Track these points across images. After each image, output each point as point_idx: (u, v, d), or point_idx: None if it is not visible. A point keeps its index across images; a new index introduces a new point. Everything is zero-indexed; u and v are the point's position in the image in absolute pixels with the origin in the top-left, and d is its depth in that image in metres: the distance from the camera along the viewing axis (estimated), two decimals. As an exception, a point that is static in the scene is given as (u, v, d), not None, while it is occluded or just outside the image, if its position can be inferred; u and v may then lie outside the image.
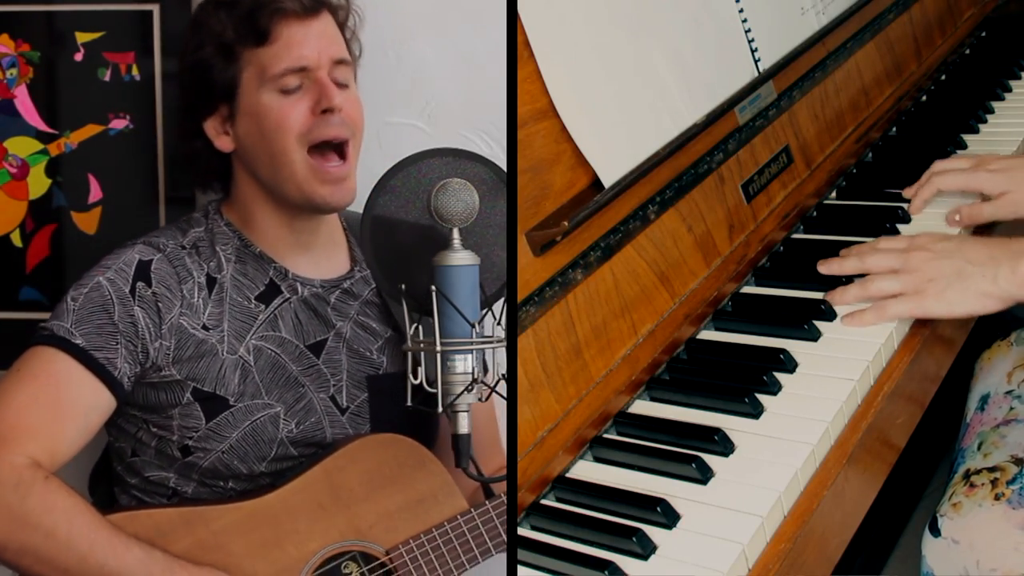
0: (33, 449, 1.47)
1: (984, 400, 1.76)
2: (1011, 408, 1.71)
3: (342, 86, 1.61)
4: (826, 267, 1.53)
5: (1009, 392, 1.73)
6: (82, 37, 1.84)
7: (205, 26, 1.62)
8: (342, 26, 1.67)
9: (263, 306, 1.62)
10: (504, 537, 1.56)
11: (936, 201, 1.68)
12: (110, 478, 1.67)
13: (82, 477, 1.68)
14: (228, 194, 1.68)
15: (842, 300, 1.48)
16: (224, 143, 1.63)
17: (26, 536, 1.44)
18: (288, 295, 1.63)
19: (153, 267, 1.56)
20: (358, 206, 1.51)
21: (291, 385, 1.61)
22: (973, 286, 1.42)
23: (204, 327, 1.57)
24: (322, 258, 1.68)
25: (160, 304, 1.55)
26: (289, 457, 1.59)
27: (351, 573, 1.54)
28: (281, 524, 1.53)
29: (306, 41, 1.59)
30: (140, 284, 1.55)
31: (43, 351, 1.52)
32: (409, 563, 1.54)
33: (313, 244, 1.66)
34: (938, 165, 1.70)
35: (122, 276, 1.55)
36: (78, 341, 1.51)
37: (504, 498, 1.56)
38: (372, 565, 1.55)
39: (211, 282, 1.60)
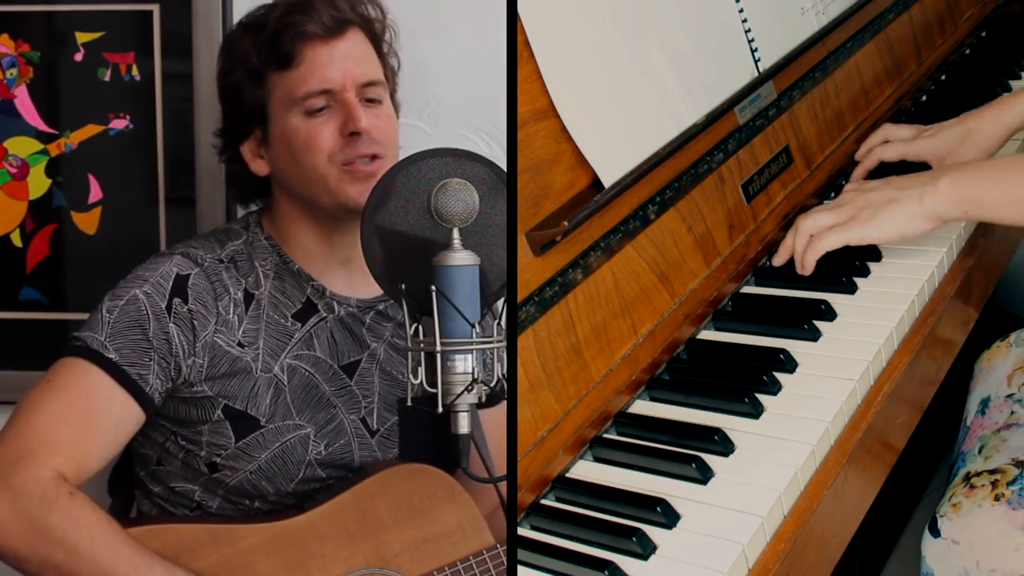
0: (60, 463, 1.46)
1: (984, 403, 1.76)
2: (1012, 412, 1.70)
3: (374, 102, 1.61)
4: (777, 257, 1.58)
5: (1010, 396, 1.73)
6: (82, 37, 1.84)
7: (233, 50, 1.62)
8: (378, 39, 1.65)
9: (299, 324, 1.61)
10: None
11: None
12: (130, 482, 1.66)
13: (102, 480, 1.67)
14: (269, 206, 1.67)
15: (783, 253, 1.56)
16: (259, 167, 1.63)
17: (48, 550, 1.43)
18: (324, 314, 1.63)
19: (190, 283, 1.55)
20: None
21: (323, 406, 1.60)
22: (902, 208, 1.48)
23: (239, 344, 1.56)
24: (359, 277, 1.65)
25: (195, 321, 1.54)
26: (316, 479, 1.59)
27: None
28: (307, 547, 1.52)
29: (330, 63, 1.58)
30: (177, 300, 1.54)
31: (75, 363, 1.51)
32: None
33: (351, 260, 1.64)
34: (884, 128, 1.76)
35: (159, 291, 1.54)
36: (111, 355, 1.50)
37: None
38: None
39: (248, 298, 1.59)
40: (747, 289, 1.58)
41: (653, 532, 1.16)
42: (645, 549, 1.15)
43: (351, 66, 1.59)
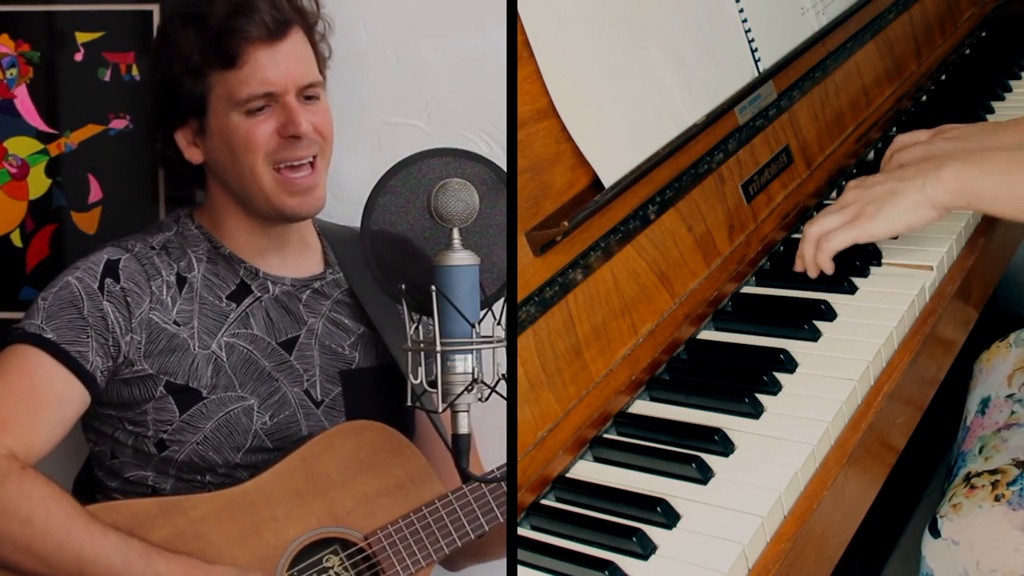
0: (8, 441, 1.50)
1: (985, 403, 1.76)
2: (1012, 412, 1.70)
3: (311, 99, 1.64)
4: (797, 267, 1.57)
5: (1010, 396, 1.73)
6: (82, 37, 1.84)
7: (173, 44, 1.64)
8: (311, 29, 1.68)
9: (234, 305, 1.65)
10: (483, 521, 1.58)
11: None
12: (93, 487, 1.68)
13: (66, 487, 1.68)
14: (200, 201, 1.71)
15: (799, 263, 1.55)
16: (194, 155, 1.66)
17: (3, 524, 1.47)
18: (259, 294, 1.66)
19: (121, 265, 1.60)
20: (354, 216, 1.50)
21: (264, 379, 1.63)
22: (906, 199, 1.47)
23: (175, 323, 1.60)
24: (293, 259, 1.71)
25: (129, 299, 1.58)
26: (264, 449, 1.61)
27: (332, 566, 1.55)
28: (259, 512, 1.54)
29: (272, 66, 1.61)
30: (108, 280, 1.58)
31: (15, 348, 1.56)
32: (388, 547, 1.55)
33: (284, 247, 1.69)
34: (898, 140, 1.73)
35: (90, 274, 1.58)
36: (49, 336, 1.55)
37: (481, 482, 1.58)
38: (351, 551, 1.56)
39: (181, 281, 1.63)
40: (747, 289, 1.58)
41: (653, 532, 1.16)
42: (645, 549, 1.15)
43: (292, 68, 1.62)
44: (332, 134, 1.66)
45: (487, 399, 1.41)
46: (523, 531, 1.24)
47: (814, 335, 1.44)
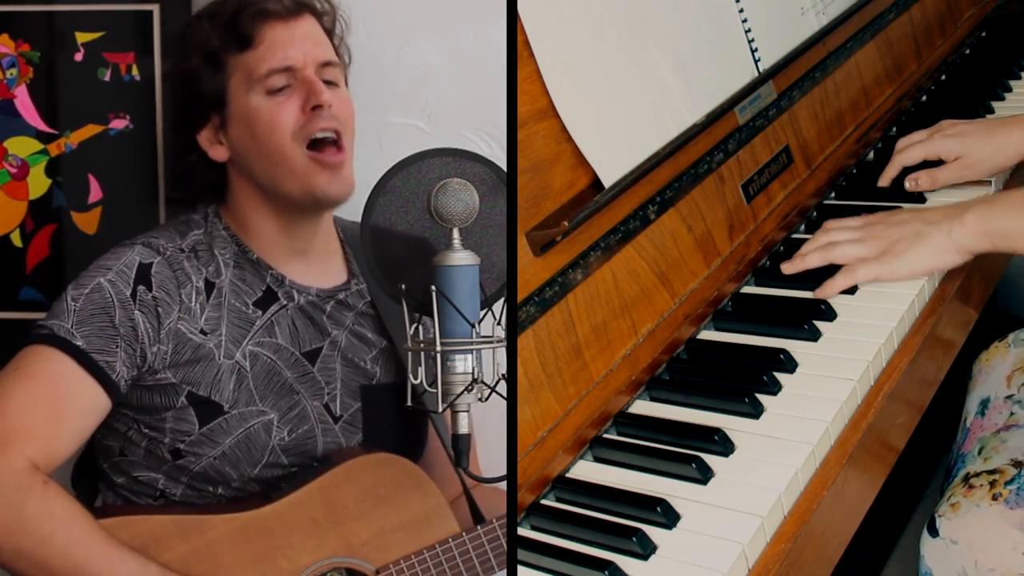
0: (32, 451, 1.47)
1: (984, 404, 1.76)
2: (1012, 413, 1.70)
3: (331, 84, 1.63)
4: (789, 266, 1.57)
5: (1009, 397, 1.73)
6: (82, 37, 1.84)
7: (190, 38, 1.64)
8: (329, 32, 1.68)
9: (260, 312, 1.62)
10: (494, 563, 1.58)
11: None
12: (94, 473, 1.67)
13: (65, 471, 1.67)
14: (224, 200, 1.68)
15: (801, 266, 1.55)
16: (219, 152, 1.64)
17: (22, 541, 1.44)
18: (285, 302, 1.64)
19: (153, 270, 1.57)
20: (355, 215, 1.51)
21: (285, 392, 1.61)
22: (931, 242, 1.49)
23: (202, 331, 1.58)
24: (318, 266, 1.68)
25: (160, 308, 1.55)
26: (279, 465, 1.60)
27: None
28: (275, 537, 1.53)
29: (290, 42, 1.60)
30: (141, 287, 1.55)
31: (43, 350, 1.52)
32: None
33: (309, 250, 1.67)
34: (900, 143, 1.76)
35: (123, 279, 1.55)
36: (79, 343, 1.51)
37: (496, 524, 1.57)
38: None
39: (209, 286, 1.60)
40: (747, 289, 1.58)
41: (653, 532, 1.17)
42: (645, 549, 1.15)
43: (310, 46, 1.62)
44: (353, 122, 1.64)
45: (487, 399, 1.41)
46: (523, 531, 1.24)
47: (814, 335, 1.44)
